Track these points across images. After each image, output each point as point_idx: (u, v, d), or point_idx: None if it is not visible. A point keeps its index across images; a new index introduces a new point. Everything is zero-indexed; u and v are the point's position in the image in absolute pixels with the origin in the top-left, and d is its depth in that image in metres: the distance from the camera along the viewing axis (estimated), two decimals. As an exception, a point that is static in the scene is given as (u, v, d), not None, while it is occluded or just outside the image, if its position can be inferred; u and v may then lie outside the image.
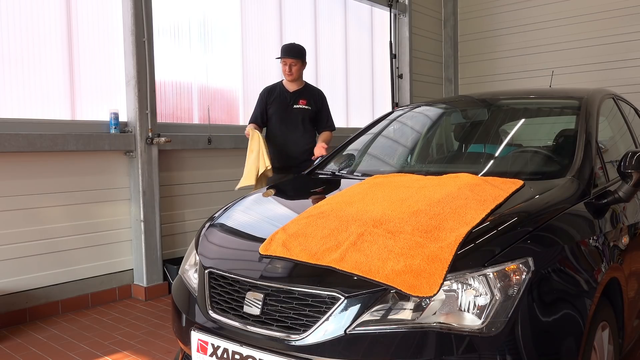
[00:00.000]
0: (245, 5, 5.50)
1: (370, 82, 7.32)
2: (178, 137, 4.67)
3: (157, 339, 3.50)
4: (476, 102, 3.63)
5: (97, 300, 4.25)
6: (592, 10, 7.05)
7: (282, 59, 4.20)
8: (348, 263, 1.81)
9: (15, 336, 3.59)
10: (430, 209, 2.06)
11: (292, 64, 4.17)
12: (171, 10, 4.82)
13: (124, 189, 4.42)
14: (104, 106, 4.31)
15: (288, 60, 4.17)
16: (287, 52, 4.19)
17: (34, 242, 3.91)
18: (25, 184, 3.86)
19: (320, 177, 3.13)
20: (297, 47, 4.24)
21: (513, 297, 1.71)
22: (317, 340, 1.74)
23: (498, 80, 7.88)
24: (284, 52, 4.21)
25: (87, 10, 4.23)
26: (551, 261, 1.87)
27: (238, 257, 2.21)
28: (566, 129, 2.96)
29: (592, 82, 6.88)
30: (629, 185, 2.28)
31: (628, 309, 2.38)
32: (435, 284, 1.69)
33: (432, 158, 3.50)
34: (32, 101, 3.96)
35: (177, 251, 4.77)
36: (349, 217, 2.09)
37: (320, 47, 6.45)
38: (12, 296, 3.80)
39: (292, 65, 4.17)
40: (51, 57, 4.04)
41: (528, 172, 2.68)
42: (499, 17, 7.88)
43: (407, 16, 7.45)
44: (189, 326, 2.10)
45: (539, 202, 2.13)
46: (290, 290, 1.85)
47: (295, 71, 4.19)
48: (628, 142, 3.22)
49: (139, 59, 4.34)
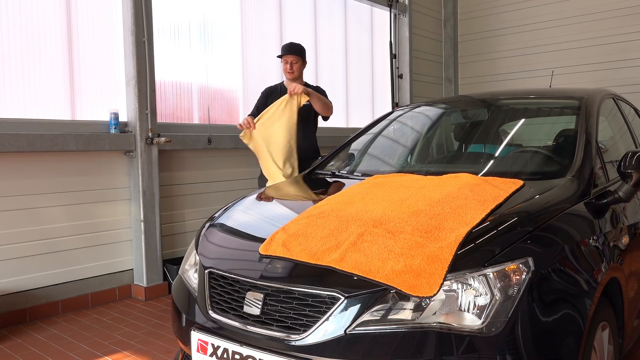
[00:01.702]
0: (245, 5, 5.50)
1: (370, 82, 7.32)
2: (178, 137, 4.67)
3: (157, 339, 3.50)
4: (476, 102, 3.63)
5: (97, 300, 4.25)
6: (592, 10, 7.05)
7: (283, 57, 4.23)
8: (348, 263, 1.81)
9: (15, 336, 3.59)
10: (430, 209, 2.06)
11: (294, 62, 4.20)
12: (171, 10, 4.82)
13: (124, 189, 4.42)
14: (104, 106, 4.31)
15: (289, 57, 4.20)
16: (288, 50, 4.22)
17: (34, 242, 3.91)
18: (25, 184, 3.86)
19: (320, 177, 3.14)
20: (297, 45, 4.28)
21: (513, 297, 1.71)
22: (317, 340, 1.74)
23: (498, 80, 7.88)
24: (285, 50, 4.24)
25: (87, 10, 4.23)
26: (551, 261, 1.87)
27: (238, 257, 2.21)
28: (566, 129, 2.96)
29: (592, 82, 6.89)
30: (629, 185, 2.28)
31: (628, 309, 2.38)
32: (435, 284, 1.69)
33: (432, 158, 3.50)
34: (32, 101, 3.96)
35: (177, 251, 4.77)
36: (349, 217, 2.09)
37: (320, 47, 6.45)
38: (12, 296, 3.80)
39: (293, 63, 4.20)
40: (51, 57, 4.04)
41: (528, 172, 2.68)
42: (499, 17, 7.88)
43: (407, 16, 7.45)
44: (189, 326, 2.10)
45: (539, 202, 2.13)
46: (290, 290, 1.85)
47: (296, 69, 4.22)
48: (628, 142, 3.22)
49: (139, 59, 4.34)
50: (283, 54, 4.24)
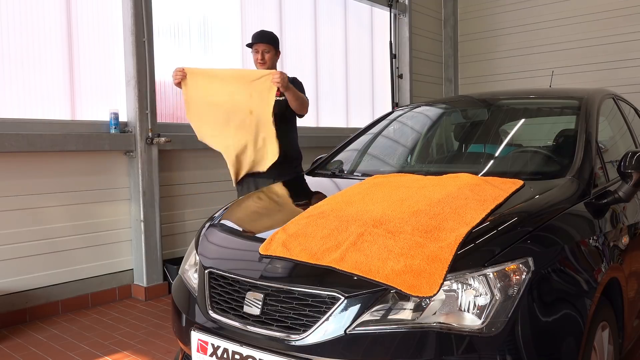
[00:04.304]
0: (245, 5, 5.50)
1: (370, 82, 7.32)
2: (178, 137, 4.66)
3: (157, 339, 3.50)
4: (476, 102, 3.63)
5: (97, 300, 4.25)
6: (592, 10, 7.05)
7: (254, 46, 3.79)
8: (348, 263, 1.81)
9: (15, 336, 3.58)
10: (430, 209, 2.06)
11: (265, 51, 3.75)
12: (171, 10, 4.82)
13: (124, 189, 4.42)
14: (104, 106, 4.31)
15: (260, 46, 3.76)
16: (259, 38, 3.79)
17: (34, 242, 3.91)
18: (25, 184, 3.86)
19: (320, 177, 3.14)
20: (269, 33, 3.85)
21: (513, 297, 1.71)
22: (317, 340, 1.74)
23: (498, 80, 7.88)
24: (255, 38, 3.80)
25: (87, 10, 4.23)
26: (551, 261, 1.87)
27: (238, 257, 2.21)
28: (566, 129, 2.96)
29: (592, 82, 6.89)
30: (629, 185, 2.28)
31: (628, 309, 2.38)
32: (435, 284, 1.69)
33: (432, 158, 3.50)
34: (32, 101, 3.96)
35: (177, 251, 4.77)
36: (349, 217, 2.09)
37: (320, 47, 6.45)
38: (12, 296, 3.80)
39: (264, 52, 3.75)
40: (51, 57, 4.04)
41: (528, 172, 2.68)
42: (499, 17, 7.88)
43: (407, 16, 7.45)
44: (189, 326, 2.10)
45: (539, 202, 2.13)
46: (290, 290, 1.85)
47: (268, 59, 3.76)
48: (628, 142, 3.22)
49: (139, 59, 4.34)
50: (253, 42, 3.79)
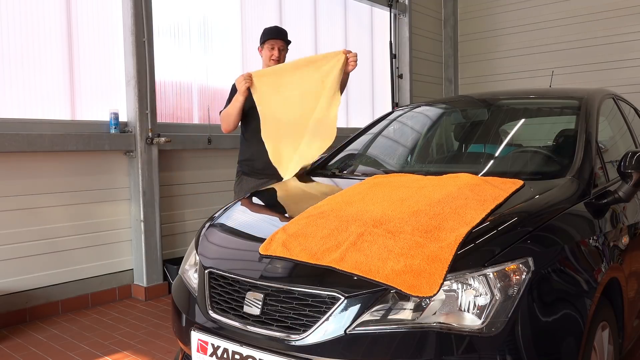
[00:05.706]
0: (245, 5, 5.50)
1: (370, 82, 7.32)
2: (178, 137, 4.67)
3: (157, 339, 3.50)
4: (476, 102, 3.63)
5: (97, 300, 4.25)
6: (592, 10, 7.05)
7: (269, 42, 3.55)
8: (348, 263, 1.81)
9: (15, 336, 3.58)
10: (430, 209, 2.06)
11: (281, 48, 3.56)
12: (171, 10, 4.82)
13: (124, 189, 4.42)
14: (104, 106, 4.31)
15: (278, 42, 3.55)
16: (278, 34, 3.57)
17: (34, 242, 3.91)
18: (25, 184, 3.86)
19: (320, 177, 3.13)
20: (285, 30, 3.64)
21: (513, 297, 1.71)
22: (317, 340, 1.74)
23: (498, 80, 7.88)
24: (273, 34, 3.56)
25: (87, 10, 4.23)
26: (551, 261, 1.87)
27: (238, 257, 2.21)
28: (566, 129, 2.96)
29: (592, 82, 6.88)
30: (629, 185, 2.28)
31: (628, 309, 2.38)
32: (435, 284, 1.69)
33: (432, 158, 3.50)
34: (32, 101, 3.96)
35: (177, 251, 4.77)
36: (349, 217, 2.09)
37: (320, 47, 6.45)
38: (12, 296, 3.80)
39: (281, 50, 3.55)
40: (51, 57, 4.04)
41: (528, 172, 2.68)
42: (499, 17, 7.88)
43: (407, 16, 7.45)
44: (189, 326, 2.10)
45: (539, 202, 2.13)
46: (290, 290, 1.85)
47: (283, 57, 3.58)
48: (628, 142, 3.22)
49: (139, 59, 4.34)
50: (269, 38, 3.55)
